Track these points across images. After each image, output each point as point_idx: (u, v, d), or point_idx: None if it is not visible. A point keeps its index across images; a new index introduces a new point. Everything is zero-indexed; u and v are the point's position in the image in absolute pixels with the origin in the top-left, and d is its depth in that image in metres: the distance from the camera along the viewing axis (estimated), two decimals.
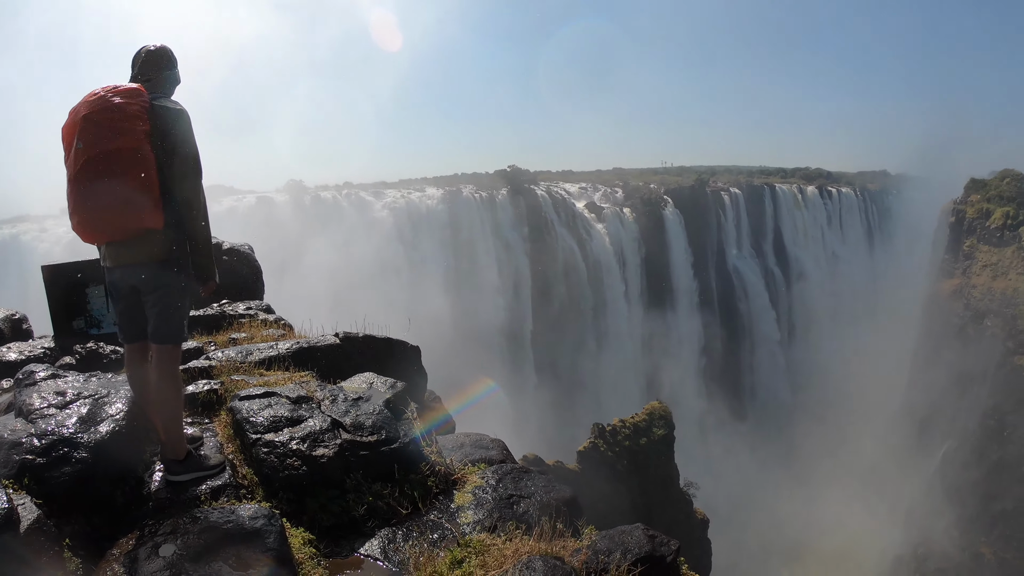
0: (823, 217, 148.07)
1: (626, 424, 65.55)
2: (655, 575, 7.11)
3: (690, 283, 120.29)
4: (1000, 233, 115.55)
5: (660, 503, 67.21)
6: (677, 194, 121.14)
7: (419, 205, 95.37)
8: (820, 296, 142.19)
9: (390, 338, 12.01)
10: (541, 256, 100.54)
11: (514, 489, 8.29)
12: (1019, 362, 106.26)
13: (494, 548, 6.95)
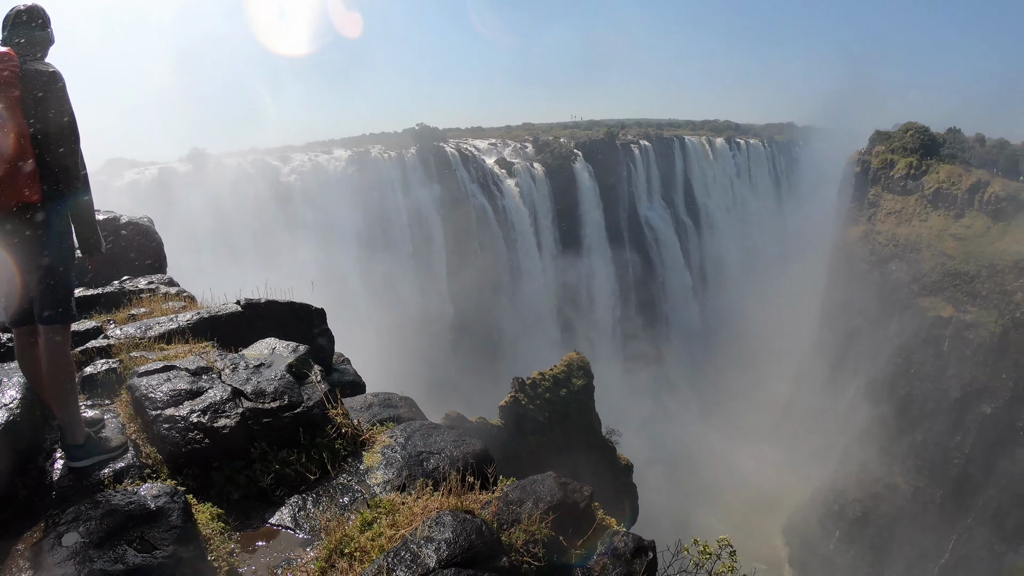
0: (732, 168, 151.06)
1: (545, 376, 66.05)
2: (568, 522, 7.22)
3: (602, 235, 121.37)
4: (904, 182, 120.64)
5: (584, 452, 68.06)
6: (587, 148, 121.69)
7: (327, 167, 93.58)
8: (731, 244, 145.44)
9: (293, 302, 11.73)
10: (453, 214, 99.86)
11: (423, 446, 8.21)
12: (923, 303, 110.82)
13: (404, 507, 6.85)
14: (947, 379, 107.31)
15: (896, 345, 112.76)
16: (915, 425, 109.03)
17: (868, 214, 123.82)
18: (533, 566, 6.63)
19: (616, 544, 7.53)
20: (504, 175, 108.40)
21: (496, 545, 6.33)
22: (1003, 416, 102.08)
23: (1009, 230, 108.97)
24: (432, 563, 5.88)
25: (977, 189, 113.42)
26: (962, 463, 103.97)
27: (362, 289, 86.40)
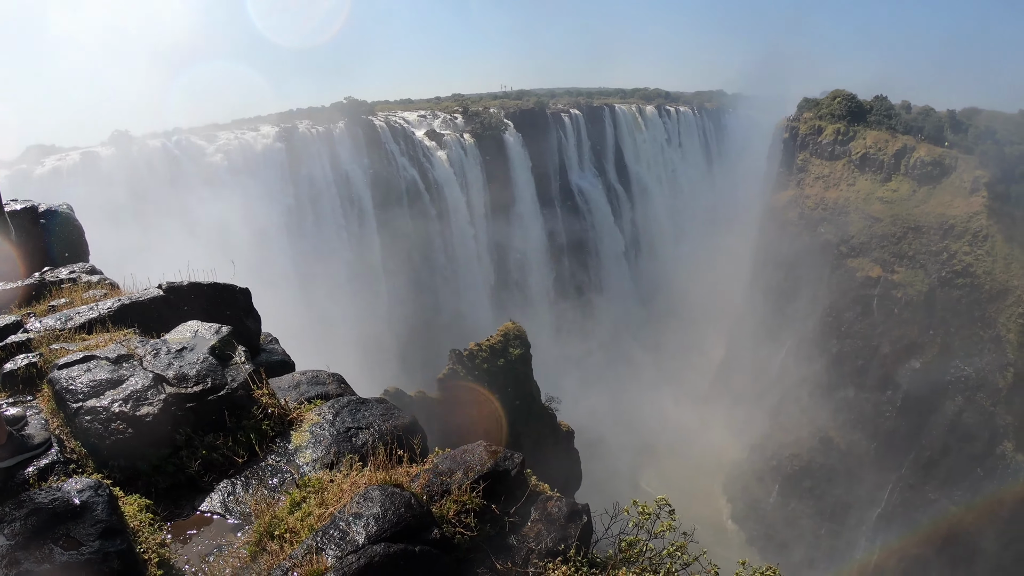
0: (662, 135, 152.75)
1: (482, 347, 66.23)
2: (500, 490, 7.23)
3: (534, 203, 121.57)
4: (831, 148, 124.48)
5: (525, 420, 68.52)
6: (518, 117, 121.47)
7: (254, 145, 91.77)
8: (662, 210, 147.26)
9: (216, 283, 11.44)
10: (383, 187, 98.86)
11: (352, 421, 8.15)
12: (852, 264, 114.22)
13: (333, 484, 6.76)
14: (876, 336, 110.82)
15: (826, 305, 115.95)
16: (847, 381, 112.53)
17: (797, 179, 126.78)
18: (466, 536, 6.64)
19: (550, 509, 7.58)
20: (434, 147, 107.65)
21: (426, 517, 6.32)
22: (931, 370, 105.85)
23: (934, 193, 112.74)
24: (361, 539, 5.85)
25: (903, 154, 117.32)
26: (893, 416, 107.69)
27: (293, 267, 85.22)
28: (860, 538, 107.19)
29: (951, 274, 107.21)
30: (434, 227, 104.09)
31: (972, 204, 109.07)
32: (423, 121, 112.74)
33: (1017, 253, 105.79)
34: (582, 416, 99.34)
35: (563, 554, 7.26)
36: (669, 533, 17.19)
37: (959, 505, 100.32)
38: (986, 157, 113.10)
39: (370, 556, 5.79)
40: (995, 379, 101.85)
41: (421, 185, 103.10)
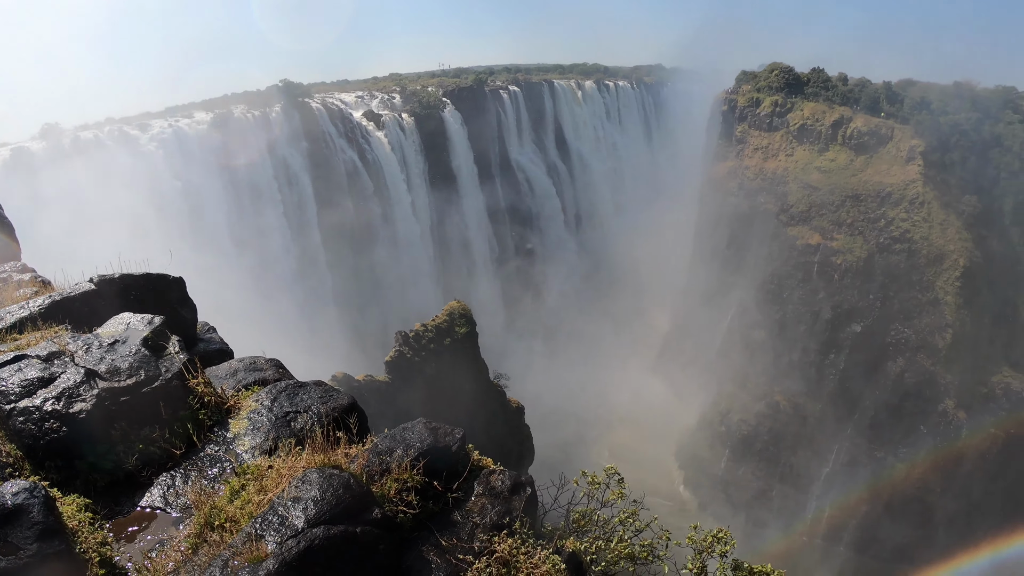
0: (602, 110, 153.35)
1: (428, 328, 65.98)
2: (441, 466, 7.28)
3: (475, 181, 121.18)
4: (770, 119, 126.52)
5: (474, 398, 68.60)
6: (456, 95, 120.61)
7: (188, 132, 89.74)
8: (603, 184, 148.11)
9: (149, 274, 11.22)
10: (322, 170, 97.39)
11: (290, 406, 8.12)
12: (792, 233, 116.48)
13: (272, 470, 6.73)
14: (818, 302, 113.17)
15: (767, 272, 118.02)
16: (791, 346, 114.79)
17: (736, 150, 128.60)
18: (408, 515, 6.66)
19: (493, 483, 7.64)
20: (372, 127, 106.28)
21: (367, 498, 6.32)
22: (872, 333, 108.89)
23: (871, 162, 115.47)
24: (301, 523, 5.83)
25: (840, 125, 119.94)
26: (837, 378, 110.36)
27: (234, 255, 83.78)
28: (810, 498, 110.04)
29: (889, 240, 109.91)
30: (375, 209, 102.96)
31: (908, 172, 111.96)
32: (361, 102, 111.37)
33: (952, 219, 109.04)
34: (531, 391, 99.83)
35: (508, 527, 7.32)
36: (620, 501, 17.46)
37: (905, 462, 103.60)
38: (921, 127, 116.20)
39: (310, 539, 5.77)
40: (935, 340, 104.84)
41: (360, 167, 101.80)
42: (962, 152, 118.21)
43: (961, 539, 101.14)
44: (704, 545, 16.59)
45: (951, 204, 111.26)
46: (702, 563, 16.32)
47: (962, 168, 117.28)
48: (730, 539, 16.96)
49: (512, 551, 7.19)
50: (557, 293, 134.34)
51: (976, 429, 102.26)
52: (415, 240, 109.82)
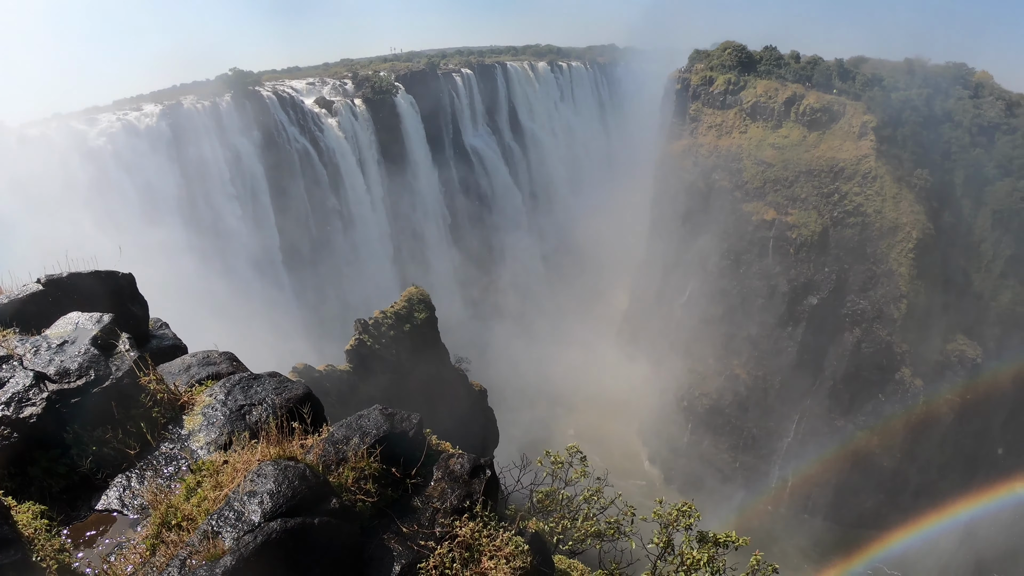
0: (556, 91, 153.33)
1: (387, 314, 65.59)
2: (399, 452, 7.25)
3: (429, 166, 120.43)
4: (723, 97, 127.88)
5: (437, 384, 68.51)
6: (408, 80, 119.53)
7: (137, 125, 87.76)
8: (558, 165, 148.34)
9: (98, 271, 10.95)
10: (275, 159, 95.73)
11: (244, 399, 8.03)
12: (747, 208, 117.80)
13: (227, 465, 6.61)
14: (774, 276, 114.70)
15: (724, 248, 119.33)
16: (748, 320, 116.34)
17: (690, 128, 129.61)
18: (368, 503, 6.62)
19: (452, 467, 7.62)
20: (325, 114, 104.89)
21: (323, 488, 6.25)
22: (828, 305, 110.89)
23: (824, 138, 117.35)
24: (257, 518, 5.75)
25: (793, 102, 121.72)
26: (795, 350, 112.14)
27: (188, 248, 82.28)
28: (773, 468, 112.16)
29: (843, 214, 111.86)
30: (329, 197, 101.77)
31: (861, 147, 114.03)
32: (312, 89, 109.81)
33: (905, 192, 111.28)
34: (494, 373, 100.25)
35: (469, 511, 7.32)
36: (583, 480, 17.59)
37: (864, 429, 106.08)
38: (873, 103, 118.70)
39: (267, 534, 5.70)
40: (890, 311, 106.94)
41: (314, 154, 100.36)
42: (913, 127, 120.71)
43: (923, 503, 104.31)
44: (670, 519, 16.87)
45: (903, 178, 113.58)
46: (668, 537, 16.60)
47: (914, 143, 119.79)
48: (694, 512, 17.26)
49: (474, 534, 7.20)
50: (515, 275, 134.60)
51: (933, 396, 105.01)
52: (371, 227, 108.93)
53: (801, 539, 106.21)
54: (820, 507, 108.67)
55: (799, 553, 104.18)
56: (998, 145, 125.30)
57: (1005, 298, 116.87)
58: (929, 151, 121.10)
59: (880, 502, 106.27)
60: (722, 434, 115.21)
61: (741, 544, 16.42)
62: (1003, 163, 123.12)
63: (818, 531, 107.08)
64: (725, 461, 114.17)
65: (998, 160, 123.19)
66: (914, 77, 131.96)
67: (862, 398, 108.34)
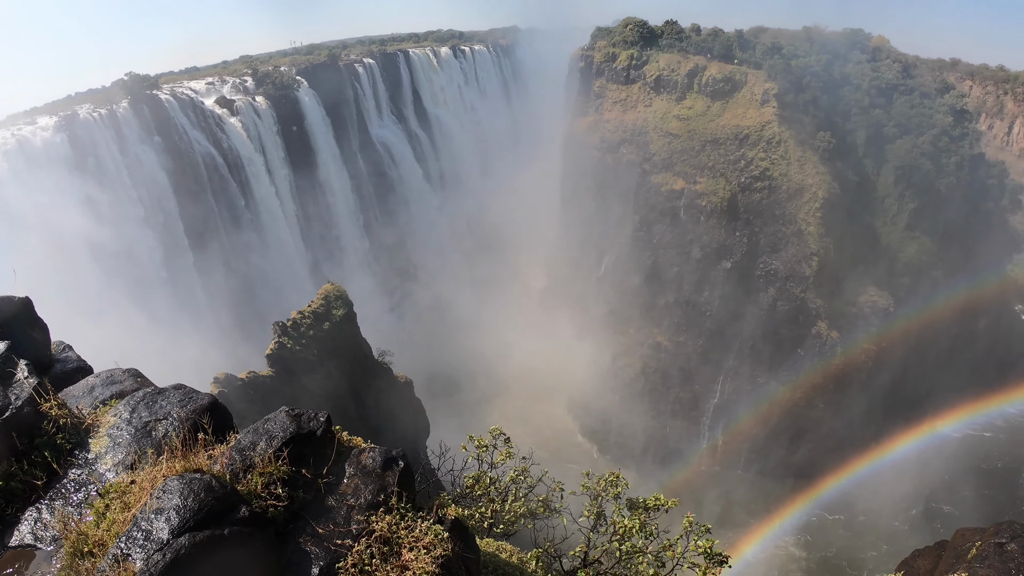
0: (459, 76, 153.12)
1: (305, 314, 64.75)
2: (308, 452, 7.22)
3: (338, 161, 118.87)
4: (626, 73, 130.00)
5: (362, 380, 68.13)
6: (310, 73, 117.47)
7: (32, 140, 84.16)
8: (466, 149, 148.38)
9: None
10: (179, 165, 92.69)
11: (149, 415, 7.89)
12: (656, 180, 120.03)
13: (135, 485, 6.51)
14: (687, 244, 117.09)
15: (636, 220, 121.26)
16: (665, 288, 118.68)
17: (595, 105, 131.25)
18: (279, 508, 6.62)
19: (364, 462, 7.64)
20: (226, 114, 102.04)
21: (231, 497, 6.22)
22: (741, 267, 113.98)
23: (727, 107, 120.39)
24: (165, 535, 5.72)
25: (695, 73, 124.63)
26: (713, 313, 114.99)
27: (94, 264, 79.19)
28: (703, 429, 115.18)
29: (750, 179, 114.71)
30: (237, 199, 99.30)
31: (764, 114, 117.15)
32: (212, 89, 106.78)
33: (809, 155, 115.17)
34: (419, 363, 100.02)
35: (385, 504, 7.36)
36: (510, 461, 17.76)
37: (786, 384, 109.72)
38: (774, 71, 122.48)
39: (176, 550, 5.67)
40: (802, 268, 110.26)
41: (218, 157, 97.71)
42: (814, 92, 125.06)
43: (851, 448, 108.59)
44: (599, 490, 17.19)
45: (806, 141, 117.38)
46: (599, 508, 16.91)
47: (815, 107, 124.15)
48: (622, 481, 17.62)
49: (391, 528, 7.24)
50: (431, 262, 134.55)
51: (850, 346, 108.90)
52: (282, 226, 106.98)
53: (740, 495, 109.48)
54: (753, 462, 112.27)
55: (741, 509, 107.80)
56: (896, 105, 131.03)
57: (911, 249, 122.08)
58: (830, 114, 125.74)
59: (810, 451, 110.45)
60: (650, 401, 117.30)
61: (671, 506, 16.89)
62: (902, 122, 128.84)
63: (755, 486, 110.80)
64: (656, 427, 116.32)
65: (897, 119, 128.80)
66: (813, 44, 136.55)
67: (782, 354, 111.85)
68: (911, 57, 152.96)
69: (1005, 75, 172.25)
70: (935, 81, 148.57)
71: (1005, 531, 11.05)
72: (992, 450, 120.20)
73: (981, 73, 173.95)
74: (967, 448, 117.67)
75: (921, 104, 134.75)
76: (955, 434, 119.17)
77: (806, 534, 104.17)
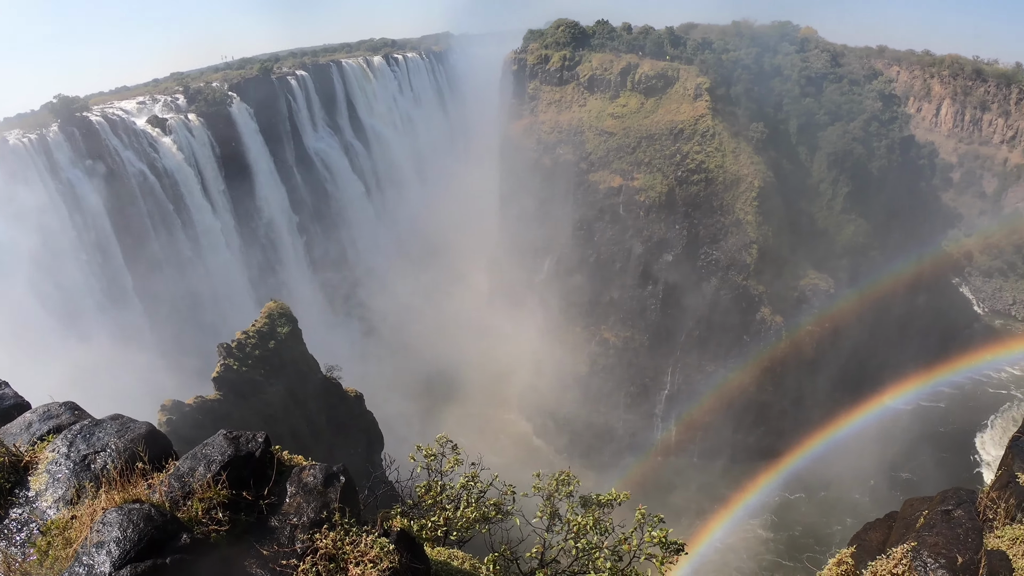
0: (393, 85, 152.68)
1: (249, 334, 63.89)
2: (247, 475, 7.24)
3: (274, 175, 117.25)
4: (560, 74, 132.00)
5: (310, 396, 67.55)
6: (242, 88, 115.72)
7: None
8: (403, 157, 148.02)
9: None
10: (113, 189, 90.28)
11: (87, 448, 7.85)
12: (593, 178, 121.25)
13: (76, 520, 6.52)
14: (628, 240, 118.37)
15: (576, 220, 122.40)
16: (609, 285, 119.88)
17: (530, 107, 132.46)
18: (221, 532, 6.65)
19: (305, 480, 7.67)
20: (159, 133, 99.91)
21: (172, 525, 6.24)
22: (683, 260, 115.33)
23: (661, 103, 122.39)
24: (107, 568, 5.72)
25: (628, 71, 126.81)
26: (658, 306, 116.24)
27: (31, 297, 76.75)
28: (656, 421, 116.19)
29: (686, 172, 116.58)
30: (174, 220, 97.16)
31: (697, 108, 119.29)
32: (143, 108, 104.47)
33: (743, 145, 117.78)
34: (368, 377, 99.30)
35: (328, 520, 7.41)
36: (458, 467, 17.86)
37: (735, 370, 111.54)
38: (705, 65, 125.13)
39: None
40: (743, 257, 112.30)
41: (152, 178, 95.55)
42: (745, 84, 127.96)
43: (801, 429, 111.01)
44: (551, 490, 17.37)
45: (740, 132, 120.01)
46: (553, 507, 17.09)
47: (747, 99, 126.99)
48: (573, 479, 17.83)
49: (336, 544, 7.28)
50: (373, 272, 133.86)
51: (794, 329, 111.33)
52: (221, 245, 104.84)
53: (699, 483, 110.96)
54: (709, 450, 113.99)
55: (702, 496, 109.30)
56: (826, 93, 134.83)
57: (848, 231, 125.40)
58: (763, 105, 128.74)
59: (764, 434, 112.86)
60: (601, 398, 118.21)
61: (623, 500, 17.16)
62: (832, 109, 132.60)
63: (714, 472, 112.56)
64: (610, 423, 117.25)
65: (827, 107, 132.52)
66: (742, 38, 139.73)
67: (729, 342, 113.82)
68: (839, 46, 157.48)
69: (931, 59, 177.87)
70: (863, 68, 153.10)
71: (951, 498, 11.46)
72: (944, 418, 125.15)
73: (908, 58, 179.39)
74: (920, 418, 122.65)
75: (850, 91, 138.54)
76: (907, 407, 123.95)
77: (771, 515, 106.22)
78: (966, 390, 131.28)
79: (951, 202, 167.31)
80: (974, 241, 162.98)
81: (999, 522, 10.83)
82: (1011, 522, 10.68)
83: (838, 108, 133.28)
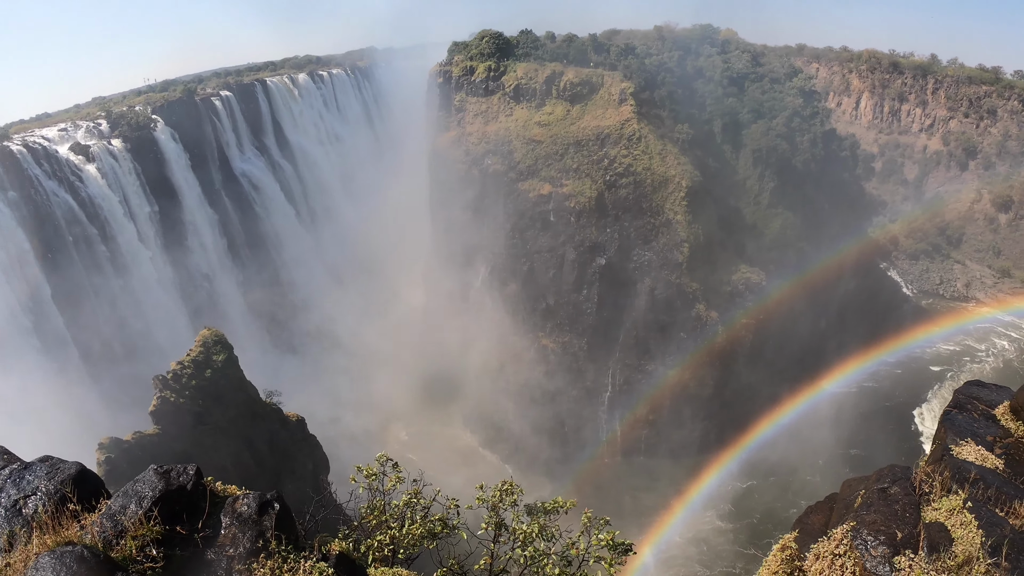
0: (319, 102, 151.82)
1: (184, 364, 62.49)
2: (179, 509, 7.23)
3: (202, 200, 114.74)
4: (485, 84, 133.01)
5: (250, 422, 66.41)
6: (166, 111, 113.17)
7: None
8: (332, 174, 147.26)
9: None
10: (36, 221, 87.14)
11: (17, 492, 7.77)
12: (523, 187, 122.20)
13: (9, 567, 6.54)
14: (560, 246, 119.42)
15: (508, 229, 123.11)
16: (544, 292, 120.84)
17: (457, 119, 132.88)
18: (157, 569, 6.64)
19: (239, 510, 7.67)
20: (82, 161, 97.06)
21: (106, 566, 6.24)
22: (616, 263, 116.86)
23: (587, 109, 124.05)
24: None
25: (553, 80, 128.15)
26: (594, 310, 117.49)
27: None
28: (600, 424, 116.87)
29: (615, 176, 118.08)
30: (102, 252, 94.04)
31: (622, 113, 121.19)
32: (65, 135, 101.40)
33: (670, 147, 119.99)
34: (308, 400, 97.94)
35: (265, 549, 7.41)
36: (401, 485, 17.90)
37: (675, 368, 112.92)
38: (629, 70, 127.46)
39: None
40: (675, 256, 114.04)
41: (77, 208, 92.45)
42: (669, 87, 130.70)
43: (745, 420, 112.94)
44: (495, 500, 17.45)
45: (666, 134, 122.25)
46: (498, 517, 17.17)
47: (671, 101, 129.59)
48: (516, 488, 17.94)
49: (274, 572, 7.30)
50: (307, 293, 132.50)
51: (729, 323, 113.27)
52: (150, 274, 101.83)
53: (647, 481, 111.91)
54: (655, 447, 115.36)
55: (652, 494, 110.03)
56: (748, 92, 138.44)
57: (776, 225, 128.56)
58: (687, 107, 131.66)
59: (708, 427, 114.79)
60: (543, 404, 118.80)
61: (569, 507, 17.34)
62: (755, 107, 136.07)
63: (661, 469, 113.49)
64: (554, 429, 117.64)
65: (750, 106, 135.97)
66: (665, 42, 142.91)
67: (666, 340, 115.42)
68: (759, 46, 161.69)
69: (849, 55, 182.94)
70: (783, 66, 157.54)
71: (887, 476, 11.81)
72: (887, 395, 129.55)
73: (826, 55, 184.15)
74: (864, 398, 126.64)
75: (772, 89, 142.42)
76: (849, 389, 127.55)
77: (728, 505, 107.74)
78: (904, 368, 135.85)
79: (875, 190, 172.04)
80: (899, 226, 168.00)
81: (935, 495, 11.20)
82: (947, 494, 11.04)
83: (760, 106, 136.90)
